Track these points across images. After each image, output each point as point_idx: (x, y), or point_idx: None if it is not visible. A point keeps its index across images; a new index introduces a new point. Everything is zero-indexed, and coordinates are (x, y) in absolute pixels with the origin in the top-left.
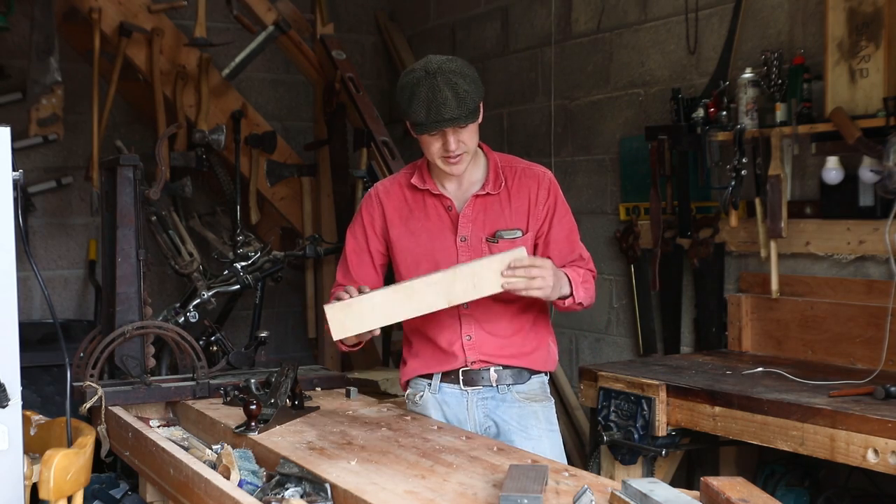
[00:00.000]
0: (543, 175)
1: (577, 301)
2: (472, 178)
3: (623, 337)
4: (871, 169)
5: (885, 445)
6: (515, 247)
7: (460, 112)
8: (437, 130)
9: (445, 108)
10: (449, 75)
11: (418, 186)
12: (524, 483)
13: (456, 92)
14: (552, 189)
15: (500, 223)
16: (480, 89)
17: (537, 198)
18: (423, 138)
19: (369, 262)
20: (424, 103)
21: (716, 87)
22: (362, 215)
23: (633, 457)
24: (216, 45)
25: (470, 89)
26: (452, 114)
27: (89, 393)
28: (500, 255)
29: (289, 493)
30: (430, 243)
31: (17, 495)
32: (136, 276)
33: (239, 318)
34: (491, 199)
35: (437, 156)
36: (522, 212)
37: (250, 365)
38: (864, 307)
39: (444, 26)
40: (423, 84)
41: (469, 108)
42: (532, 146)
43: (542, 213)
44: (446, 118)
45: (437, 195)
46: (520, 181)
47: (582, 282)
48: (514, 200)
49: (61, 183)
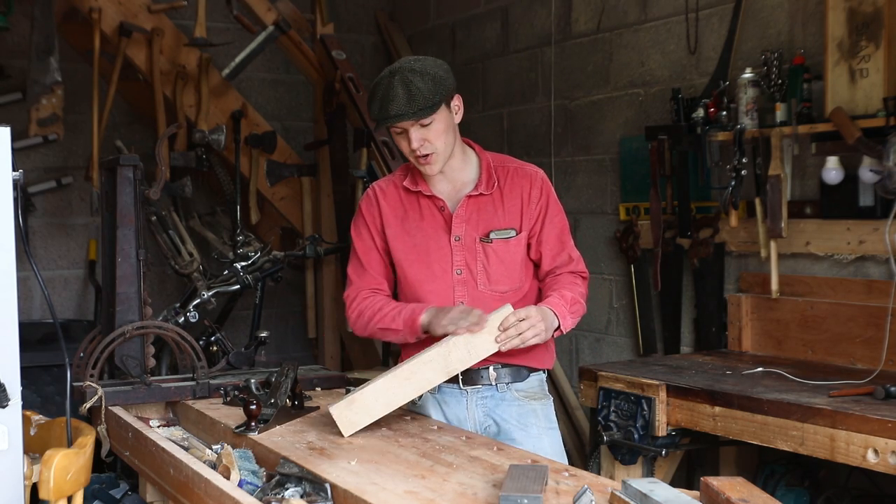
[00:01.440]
0: (535, 174)
1: (566, 330)
2: (464, 179)
3: (623, 337)
4: (871, 169)
5: (885, 445)
6: (509, 247)
7: (408, 109)
8: (388, 126)
9: (393, 104)
10: (407, 73)
11: (411, 189)
12: (524, 483)
13: (408, 90)
14: (544, 188)
15: (493, 223)
16: (443, 88)
17: (530, 197)
18: (394, 139)
19: (379, 259)
20: (378, 100)
21: (716, 87)
22: (363, 214)
23: (633, 457)
24: (216, 45)
25: (424, 87)
26: (399, 110)
27: (89, 393)
28: (489, 318)
29: (289, 493)
30: (425, 243)
31: (17, 495)
32: (136, 276)
33: (239, 318)
34: (484, 199)
35: (409, 155)
36: (515, 211)
37: (250, 365)
38: (864, 307)
39: (444, 26)
40: (383, 82)
41: (419, 105)
42: (532, 146)
43: (534, 212)
44: (392, 114)
45: (430, 196)
46: (512, 181)
47: (570, 308)
48: (507, 200)
49: (61, 183)
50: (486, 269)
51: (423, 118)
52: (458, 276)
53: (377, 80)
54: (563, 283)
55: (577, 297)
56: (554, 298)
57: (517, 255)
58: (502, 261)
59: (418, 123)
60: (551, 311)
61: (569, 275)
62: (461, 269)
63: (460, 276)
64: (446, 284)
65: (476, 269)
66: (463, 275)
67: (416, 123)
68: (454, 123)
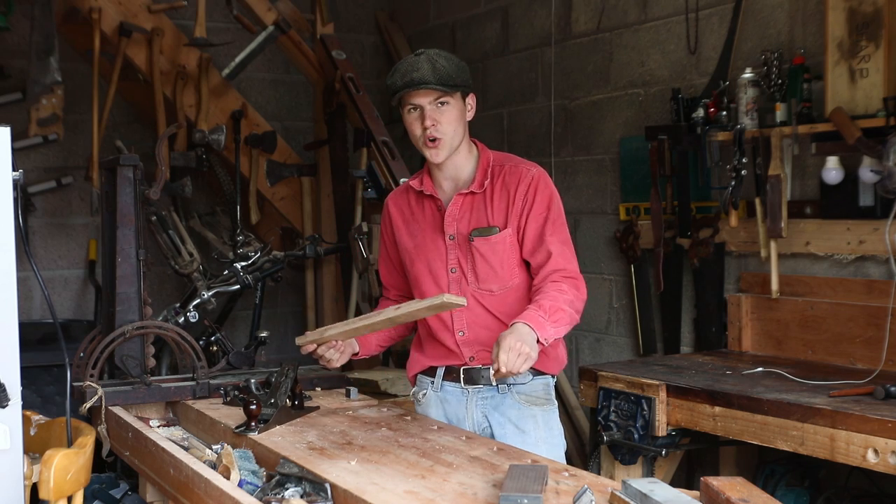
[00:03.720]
0: (527, 171)
1: (548, 340)
2: (464, 177)
3: (623, 337)
4: (871, 169)
5: (885, 445)
6: (490, 244)
7: (431, 77)
8: (414, 103)
9: (417, 72)
10: (432, 54)
11: (417, 189)
12: (524, 483)
13: (433, 65)
14: (533, 184)
15: (481, 221)
16: (464, 75)
17: (516, 193)
18: (405, 119)
19: (391, 269)
20: (401, 72)
21: (716, 87)
22: (381, 223)
23: (633, 457)
24: (216, 45)
25: (448, 67)
26: (423, 77)
27: (89, 393)
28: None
29: (289, 493)
30: (424, 242)
31: (17, 495)
32: (136, 276)
33: (239, 318)
34: (476, 197)
35: (418, 138)
36: (502, 209)
37: (250, 365)
38: (864, 307)
39: (444, 26)
40: (408, 59)
41: (441, 77)
42: (532, 146)
43: (519, 207)
44: (415, 80)
45: (430, 196)
46: (503, 178)
47: (549, 317)
48: (496, 198)
49: (61, 183)
50: (473, 268)
51: (443, 93)
52: (452, 275)
53: (401, 61)
54: (545, 296)
55: (557, 304)
56: (530, 311)
57: (503, 254)
58: (486, 260)
59: (436, 101)
60: (526, 325)
61: (553, 283)
62: (455, 267)
63: (454, 275)
64: (443, 283)
65: (466, 267)
66: (457, 273)
67: (434, 101)
68: (465, 118)
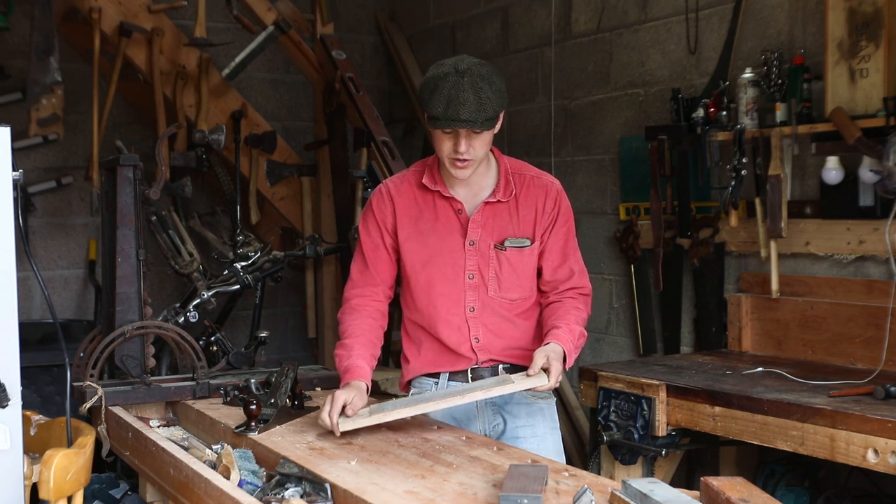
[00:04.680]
0: (552, 185)
1: (569, 366)
2: (482, 183)
3: (623, 337)
4: (871, 169)
5: (885, 445)
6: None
7: (478, 116)
8: (451, 129)
9: (464, 108)
10: (476, 79)
11: (429, 187)
12: (524, 483)
13: (479, 96)
14: (558, 199)
15: (508, 231)
16: (504, 100)
17: (544, 207)
18: (436, 134)
19: (386, 258)
20: (445, 99)
21: (716, 87)
22: (374, 211)
23: (633, 457)
24: (216, 45)
25: (493, 97)
26: (470, 116)
27: (89, 393)
28: (518, 384)
29: (289, 493)
30: (438, 245)
31: (17, 495)
32: (136, 276)
33: (239, 318)
34: (501, 206)
35: (446, 155)
36: (529, 220)
37: (250, 365)
38: (864, 307)
39: (444, 26)
40: (450, 79)
41: (487, 114)
42: (532, 146)
43: (546, 222)
44: (462, 118)
45: (448, 197)
46: (528, 190)
47: (576, 342)
48: (522, 209)
49: (61, 183)
50: (497, 276)
51: (488, 128)
52: (469, 281)
53: (438, 76)
54: (569, 313)
55: (582, 329)
56: (563, 333)
57: (529, 265)
58: (514, 269)
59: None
60: (562, 348)
61: (571, 300)
62: (473, 273)
63: (472, 281)
64: (458, 288)
65: (488, 275)
66: (475, 279)
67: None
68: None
